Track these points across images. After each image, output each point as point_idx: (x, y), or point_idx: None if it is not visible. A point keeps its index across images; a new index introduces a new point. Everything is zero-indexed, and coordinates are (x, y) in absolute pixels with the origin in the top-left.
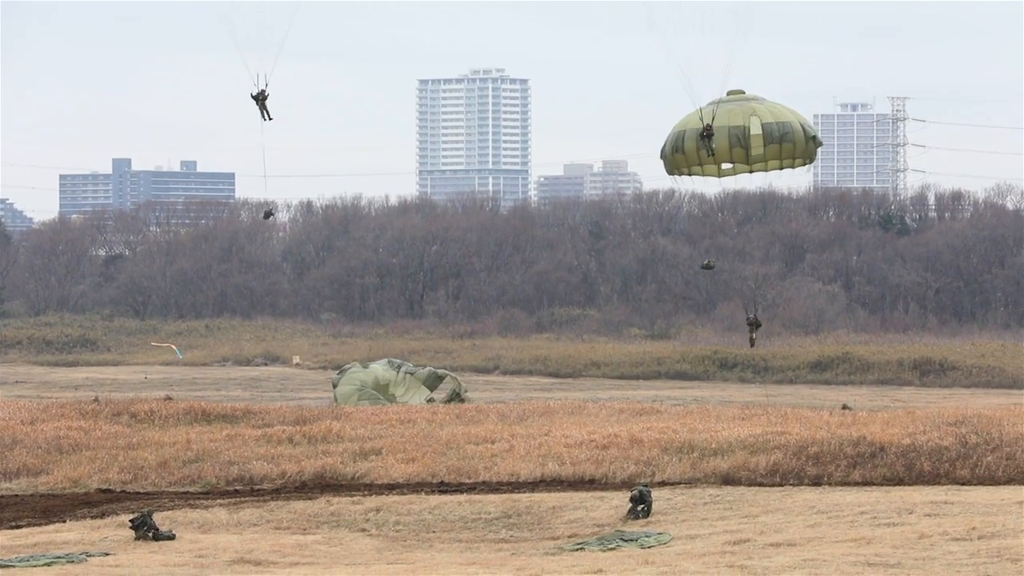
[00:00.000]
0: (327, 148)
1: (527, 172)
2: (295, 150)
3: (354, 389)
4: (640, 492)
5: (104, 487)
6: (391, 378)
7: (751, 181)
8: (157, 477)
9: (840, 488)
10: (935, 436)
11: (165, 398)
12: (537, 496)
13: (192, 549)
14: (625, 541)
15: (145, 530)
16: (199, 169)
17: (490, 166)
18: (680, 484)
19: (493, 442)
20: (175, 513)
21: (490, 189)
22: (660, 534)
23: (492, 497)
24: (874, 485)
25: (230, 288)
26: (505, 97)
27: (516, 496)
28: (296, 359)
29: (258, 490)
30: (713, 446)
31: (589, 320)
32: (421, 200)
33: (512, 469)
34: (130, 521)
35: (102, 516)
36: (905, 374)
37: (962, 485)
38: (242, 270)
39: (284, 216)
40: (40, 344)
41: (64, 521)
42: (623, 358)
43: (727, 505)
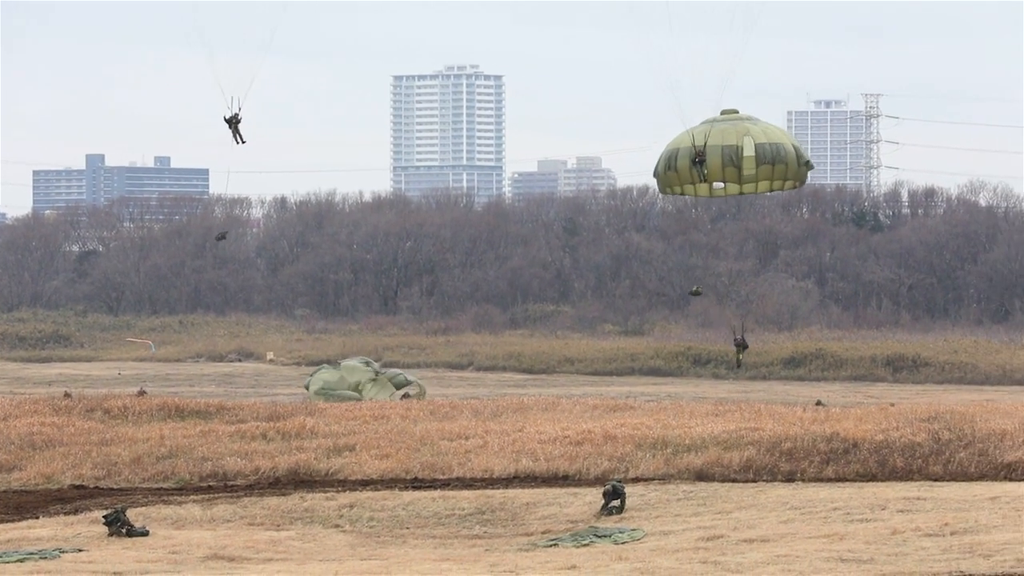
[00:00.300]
0: (301, 144)
1: (501, 168)
2: (269, 146)
3: (320, 389)
4: (613, 487)
5: (77, 483)
6: (361, 378)
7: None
8: (131, 473)
9: (813, 484)
10: (908, 432)
11: (139, 391)
12: (511, 492)
13: (166, 545)
14: (599, 537)
15: (118, 526)
16: (173, 165)
17: (464, 162)
18: (654, 480)
19: (467, 438)
20: (149, 509)
21: (464, 185)
22: (634, 530)
23: (466, 493)
24: (847, 481)
25: (204, 284)
26: (479, 93)
27: (490, 492)
28: (270, 355)
29: (232, 486)
30: (687, 442)
31: (563, 316)
32: (395, 196)
33: (486, 465)
34: (103, 517)
35: (75, 512)
36: (878, 370)
37: (935, 481)
38: (216, 266)
39: (258, 212)
40: (13, 340)
41: (37, 517)
42: (597, 354)
43: (700, 501)
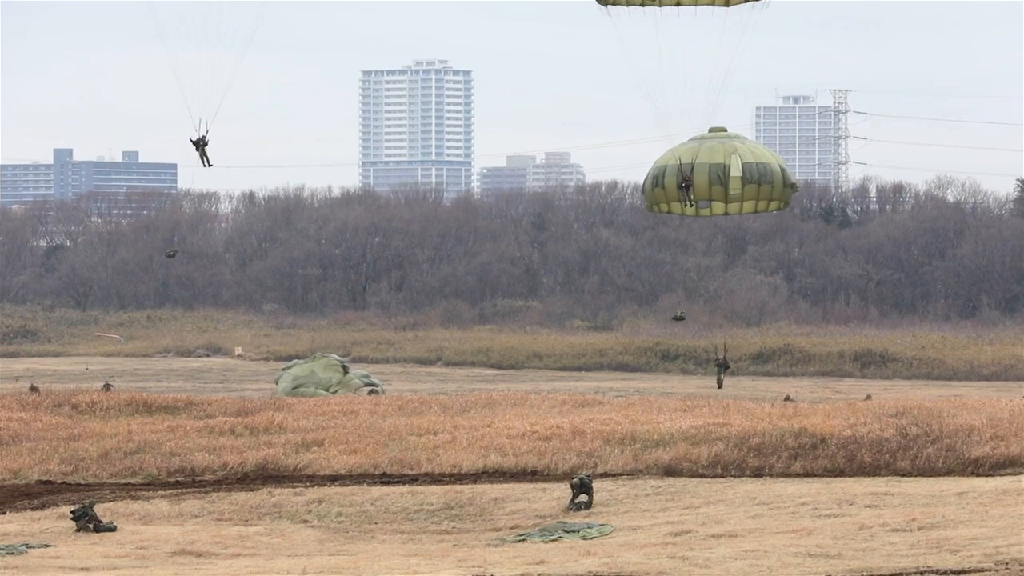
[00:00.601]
0: (270, 139)
1: (470, 164)
2: (237, 141)
3: (289, 385)
4: (581, 480)
5: (45, 479)
6: (332, 376)
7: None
8: (98, 468)
9: (781, 479)
10: (876, 428)
11: (104, 386)
12: (479, 487)
13: (133, 540)
14: (567, 532)
15: (86, 521)
16: (141, 160)
17: (433, 157)
18: (622, 475)
19: (435, 433)
20: (116, 504)
21: (433, 180)
22: (602, 525)
23: (434, 488)
24: (815, 476)
25: (172, 279)
26: (448, 89)
27: (458, 487)
28: (238, 350)
29: (200, 481)
30: (655, 437)
31: (532, 312)
32: (364, 191)
33: (454, 460)
34: (71, 512)
35: (42, 508)
36: (846, 366)
37: (902, 476)
38: (184, 261)
39: (226, 207)
40: None
41: (4, 513)
42: (565, 350)
43: (669, 496)
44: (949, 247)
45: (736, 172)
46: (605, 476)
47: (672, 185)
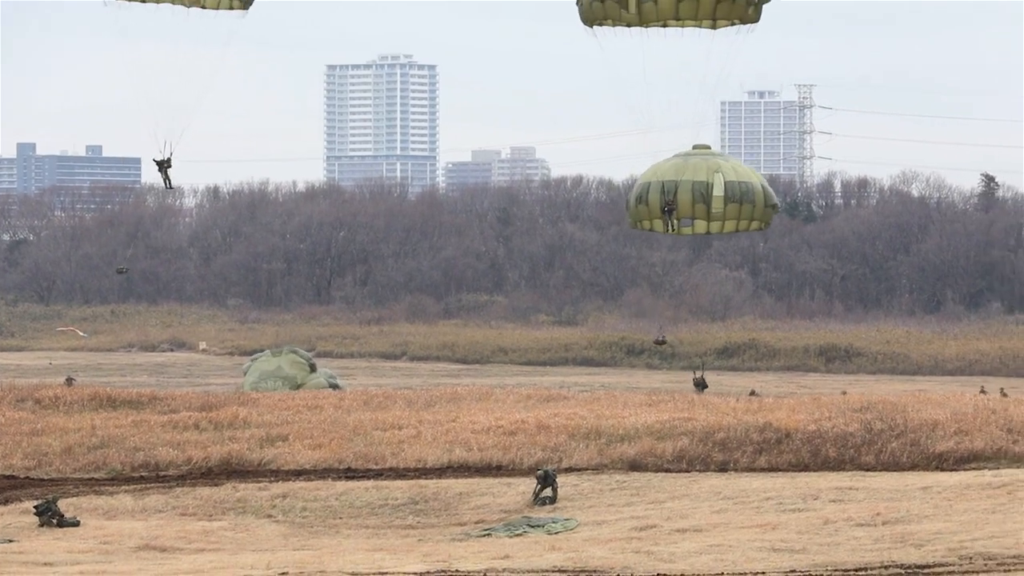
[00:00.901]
0: (234, 133)
1: (435, 158)
2: (201, 135)
3: (256, 378)
4: (546, 472)
5: (7, 473)
6: (298, 373)
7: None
8: (61, 463)
9: (746, 474)
10: (840, 422)
11: (67, 380)
12: (444, 482)
13: (97, 535)
14: (532, 527)
15: (49, 516)
16: (105, 154)
17: (398, 152)
18: (587, 470)
19: (400, 428)
20: (80, 499)
21: (398, 175)
22: (567, 520)
23: (399, 483)
24: (780, 471)
25: (136, 273)
26: (413, 83)
27: (423, 482)
28: (202, 345)
29: (164, 476)
30: (620, 432)
31: (497, 306)
32: (329, 186)
33: (419, 455)
34: (34, 507)
35: (5, 503)
36: (811, 360)
37: (867, 471)
38: (148, 255)
39: (191, 201)
40: None
41: None
42: (531, 344)
43: (634, 491)
44: (914, 242)
45: (719, 191)
46: (570, 471)
47: (656, 202)
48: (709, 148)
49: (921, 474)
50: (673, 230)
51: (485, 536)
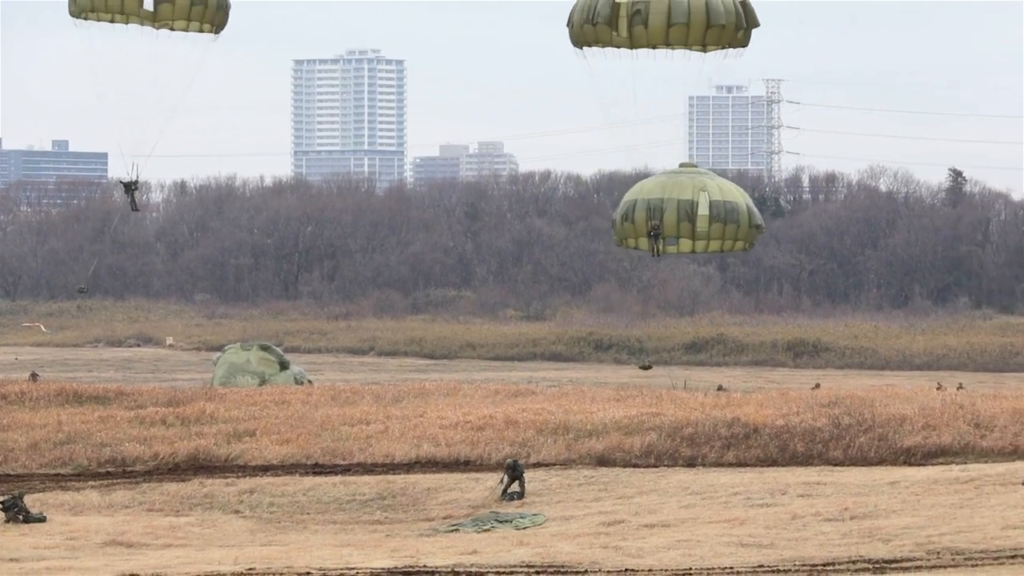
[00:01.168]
0: (201, 128)
1: (403, 153)
2: (169, 130)
3: (225, 371)
4: (514, 463)
5: None
6: (268, 370)
7: (627, 161)
8: (28, 459)
9: (714, 469)
10: (808, 417)
11: (31, 376)
12: (412, 477)
13: (63, 531)
14: (500, 522)
15: (15, 512)
16: (71, 149)
17: (366, 147)
18: (555, 465)
19: (368, 423)
20: (46, 495)
21: (365, 170)
22: (535, 515)
23: (367, 479)
24: (748, 466)
25: (102, 268)
26: (381, 78)
27: (391, 477)
28: (169, 340)
29: (130, 472)
30: (588, 427)
31: (465, 301)
32: (296, 181)
33: (387, 451)
34: (0, 503)
35: None
36: (779, 355)
37: (835, 466)
38: (115, 250)
39: (158, 196)
40: None
41: None
42: (499, 339)
43: (602, 486)
44: (882, 237)
45: (704, 210)
46: (538, 466)
47: (642, 221)
48: (695, 166)
49: (889, 469)
50: (659, 254)
51: (453, 531)
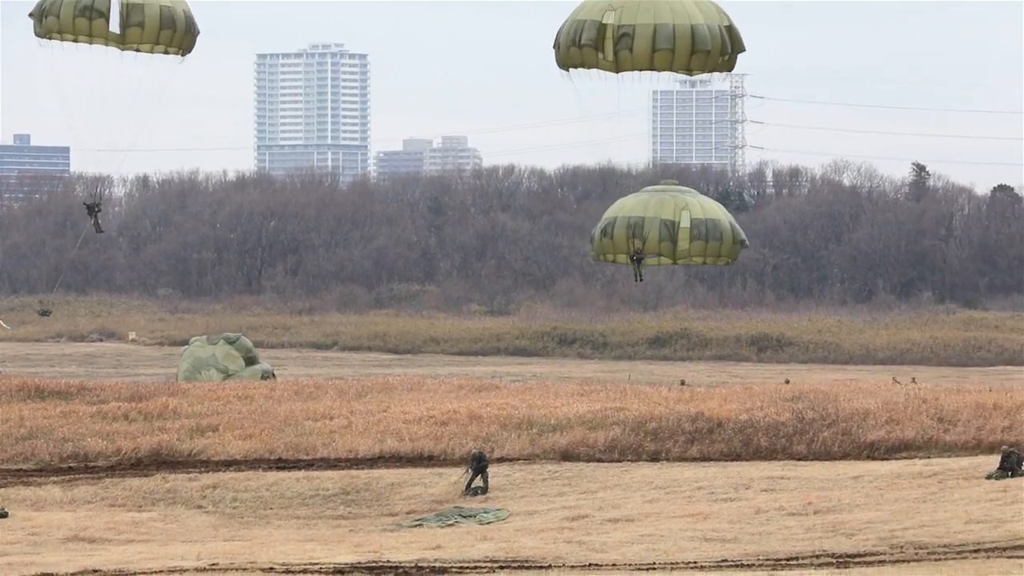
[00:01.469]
0: (163, 122)
1: (366, 147)
2: (131, 124)
3: (189, 365)
4: (480, 454)
5: None
6: (233, 366)
7: (591, 156)
8: None
9: (678, 464)
10: (772, 412)
11: None
12: (376, 472)
13: (25, 527)
14: (464, 517)
15: None
16: (33, 143)
17: (329, 141)
18: (519, 460)
19: (331, 418)
20: (7, 491)
21: (329, 164)
22: (499, 510)
23: (330, 473)
24: (712, 460)
25: (64, 263)
26: (344, 72)
27: (354, 472)
28: (132, 335)
29: (93, 467)
30: (552, 422)
31: (428, 296)
32: (259, 175)
33: (350, 445)
34: None
35: None
36: (743, 350)
37: (799, 460)
38: (77, 245)
39: (120, 191)
40: None
41: None
42: (462, 334)
43: (566, 481)
44: (845, 231)
45: (685, 228)
46: (502, 461)
47: (621, 237)
48: (675, 183)
49: (852, 463)
50: (642, 279)
51: (416, 527)
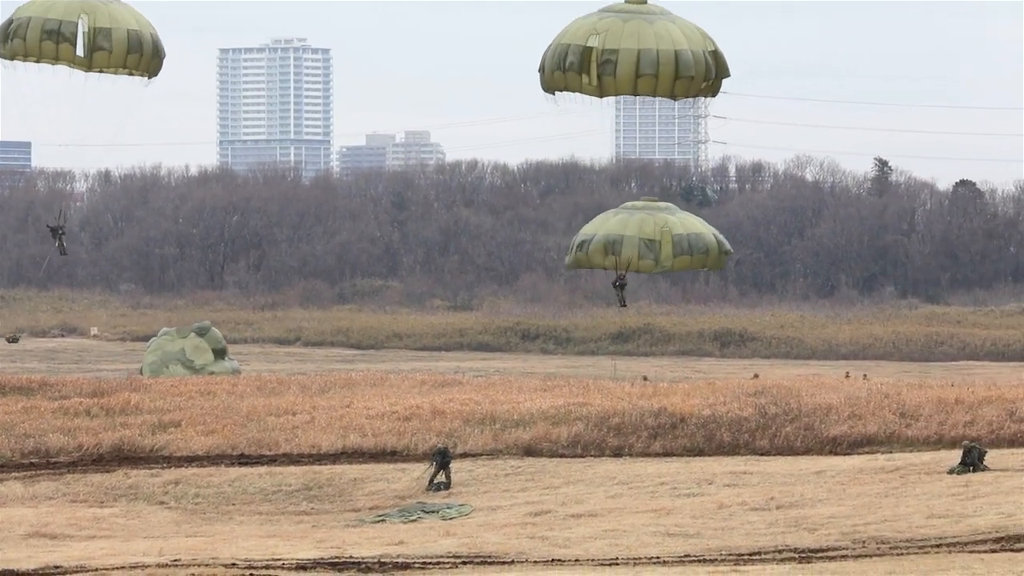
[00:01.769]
0: (126, 117)
1: (329, 142)
2: (93, 119)
3: (157, 358)
4: (444, 449)
5: None
6: (202, 361)
7: (554, 151)
8: None
9: (641, 459)
10: (735, 407)
11: None
12: (338, 468)
13: None
14: (426, 513)
15: None
16: None
17: (292, 136)
18: (482, 455)
19: (294, 414)
20: None
21: (292, 159)
22: (461, 505)
23: (293, 469)
24: (675, 456)
25: (26, 258)
26: (307, 67)
27: (317, 468)
28: (94, 330)
29: (54, 463)
30: (515, 417)
31: (391, 291)
32: (222, 170)
33: (313, 441)
34: None
35: None
36: (706, 345)
37: (761, 455)
38: (38, 240)
39: (82, 186)
40: None
41: None
42: (425, 329)
43: (529, 476)
44: (808, 226)
45: (668, 247)
46: (465, 456)
47: (597, 253)
48: (656, 200)
49: (815, 458)
50: (625, 305)
51: (379, 522)
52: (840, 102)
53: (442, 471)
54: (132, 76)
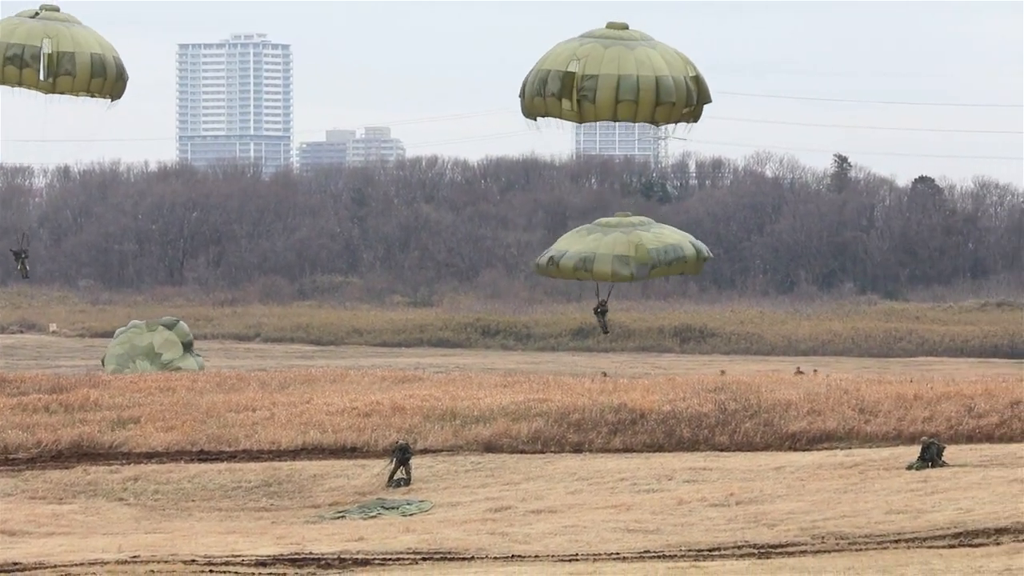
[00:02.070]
0: (84, 113)
1: (289, 138)
2: (52, 114)
3: (122, 351)
4: (404, 445)
5: None
6: (173, 355)
7: (514, 147)
8: None
9: (601, 455)
10: (695, 403)
11: None
12: (298, 464)
13: None
14: (386, 509)
15: None
16: None
17: (251, 132)
18: (442, 451)
19: (254, 410)
20: None
21: (251, 155)
22: (421, 502)
23: (253, 465)
24: (635, 452)
25: None
26: (267, 63)
27: (277, 464)
28: (53, 326)
29: (12, 459)
30: (475, 413)
31: (351, 287)
32: (181, 166)
33: (273, 437)
34: None
35: None
36: (666, 341)
37: (721, 451)
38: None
39: (41, 182)
40: None
41: None
42: (385, 325)
43: (489, 472)
44: (767, 222)
45: (644, 261)
46: (425, 452)
47: (567, 268)
48: (629, 215)
49: (774, 454)
50: (607, 332)
51: (339, 518)
52: (800, 99)
53: (402, 467)
54: (94, 98)
